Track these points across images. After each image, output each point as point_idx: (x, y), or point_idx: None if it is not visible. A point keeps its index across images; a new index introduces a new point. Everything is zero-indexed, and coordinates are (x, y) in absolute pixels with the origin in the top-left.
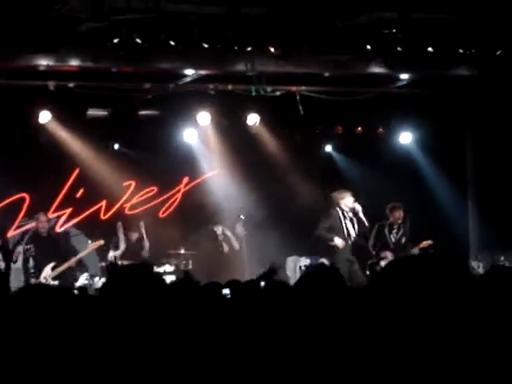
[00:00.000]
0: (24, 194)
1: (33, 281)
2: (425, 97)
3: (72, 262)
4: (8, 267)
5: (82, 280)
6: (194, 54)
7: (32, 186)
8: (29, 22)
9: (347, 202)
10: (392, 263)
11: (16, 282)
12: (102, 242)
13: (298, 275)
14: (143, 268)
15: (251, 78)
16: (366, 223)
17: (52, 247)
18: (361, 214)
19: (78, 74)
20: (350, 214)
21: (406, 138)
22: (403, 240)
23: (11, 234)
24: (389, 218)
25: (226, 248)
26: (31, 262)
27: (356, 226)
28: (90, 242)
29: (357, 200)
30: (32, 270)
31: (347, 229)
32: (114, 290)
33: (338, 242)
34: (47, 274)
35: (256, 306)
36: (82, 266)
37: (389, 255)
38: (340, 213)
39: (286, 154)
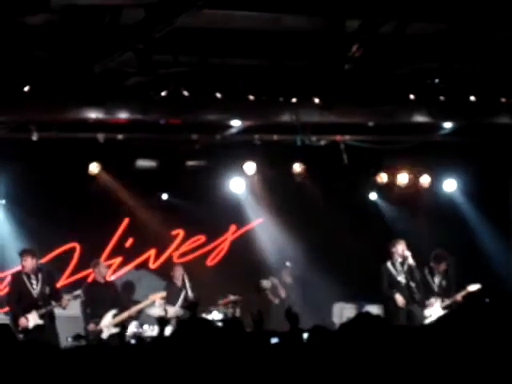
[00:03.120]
0: (75, 244)
1: (92, 327)
2: (468, 145)
3: (133, 311)
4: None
5: (132, 328)
6: (240, 105)
7: (82, 235)
8: (78, 75)
9: (398, 249)
10: (445, 317)
11: (74, 329)
12: (163, 293)
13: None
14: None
15: (296, 129)
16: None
17: (109, 295)
18: (410, 260)
19: (127, 126)
20: (400, 265)
21: (450, 185)
22: (446, 285)
23: (63, 283)
24: (430, 264)
25: (274, 300)
26: (89, 310)
27: (409, 276)
28: (153, 294)
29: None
30: (89, 317)
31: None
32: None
33: (399, 299)
34: (108, 321)
35: (301, 354)
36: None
37: (433, 302)
38: (391, 267)
39: (331, 202)
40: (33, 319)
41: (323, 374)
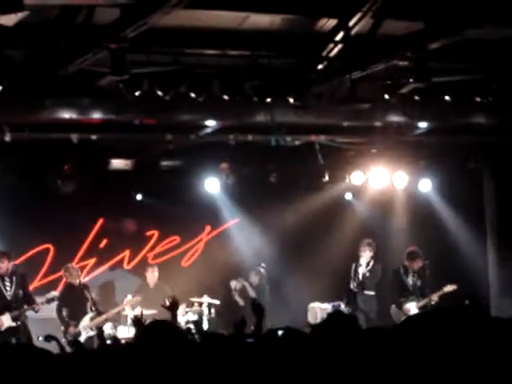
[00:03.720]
0: (48, 245)
1: (71, 330)
2: (443, 144)
3: (110, 314)
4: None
5: (107, 329)
6: (215, 105)
7: (56, 236)
8: (51, 75)
9: (361, 249)
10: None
11: (48, 331)
12: (139, 298)
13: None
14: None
15: (271, 129)
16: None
17: (84, 296)
18: (368, 264)
19: (101, 127)
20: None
21: (425, 185)
22: (421, 285)
23: (36, 284)
24: (405, 263)
25: (241, 302)
26: (65, 312)
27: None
28: (129, 296)
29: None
30: (67, 319)
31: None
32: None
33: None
34: (86, 324)
35: (274, 354)
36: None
37: (411, 308)
38: (353, 268)
39: (305, 202)
40: (6, 321)
41: (297, 375)
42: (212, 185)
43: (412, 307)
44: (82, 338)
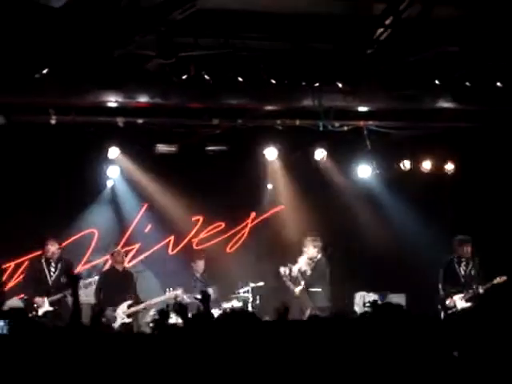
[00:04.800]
0: (93, 229)
1: (108, 314)
2: (494, 131)
3: (148, 304)
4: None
5: (148, 317)
6: (262, 89)
7: (101, 220)
8: (97, 59)
9: (304, 245)
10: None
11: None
12: (181, 290)
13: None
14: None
15: (319, 113)
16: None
17: (125, 283)
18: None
19: (147, 110)
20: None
21: (474, 172)
22: (473, 274)
23: (80, 268)
24: (457, 252)
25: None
26: (102, 296)
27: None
28: (170, 289)
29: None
30: (104, 304)
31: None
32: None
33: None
34: (122, 311)
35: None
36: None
37: (457, 300)
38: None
39: (354, 188)
40: (43, 305)
41: (341, 359)
42: (257, 170)
43: (457, 299)
44: (117, 324)
